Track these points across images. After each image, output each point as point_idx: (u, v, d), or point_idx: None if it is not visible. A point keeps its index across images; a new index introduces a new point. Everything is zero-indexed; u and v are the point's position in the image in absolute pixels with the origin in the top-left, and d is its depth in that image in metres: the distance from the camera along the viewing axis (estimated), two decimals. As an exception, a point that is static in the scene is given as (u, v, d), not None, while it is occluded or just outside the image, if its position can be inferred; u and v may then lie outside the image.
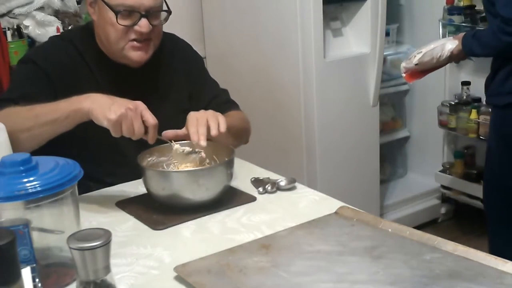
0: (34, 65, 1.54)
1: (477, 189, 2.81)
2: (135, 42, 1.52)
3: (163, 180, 1.31)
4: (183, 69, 1.70)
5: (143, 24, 1.49)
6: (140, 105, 1.31)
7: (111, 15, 1.48)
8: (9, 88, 1.59)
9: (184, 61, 1.71)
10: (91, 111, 1.31)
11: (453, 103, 2.94)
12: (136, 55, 1.54)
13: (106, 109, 1.29)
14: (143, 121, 1.31)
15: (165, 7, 1.56)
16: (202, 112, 1.42)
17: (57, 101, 1.39)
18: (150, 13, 1.50)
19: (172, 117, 1.61)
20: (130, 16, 1.49)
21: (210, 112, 1.42)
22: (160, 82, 1.66)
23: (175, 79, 1.68)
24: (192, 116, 1.40)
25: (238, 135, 1.63)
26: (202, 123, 1.37)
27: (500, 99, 2.07)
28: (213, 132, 1.36)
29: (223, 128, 1.38)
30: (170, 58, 1.69)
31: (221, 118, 1.40)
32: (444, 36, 2.82)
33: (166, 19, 1.57)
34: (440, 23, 2.88)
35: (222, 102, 1.71)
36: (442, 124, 3.02)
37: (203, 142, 1.34)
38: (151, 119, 1.31)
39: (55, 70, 1.54)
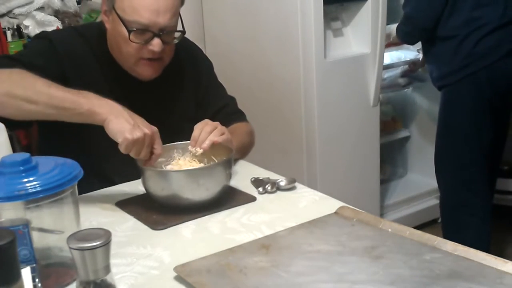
0: (50, 43, 1.51)
1: (506, 185, 2.90)
2: (146, 60, 1.50)
3: (162, 180, 1.31)
4: (193, 75, 1.69)
5: (156, 44, 1.47)
6: (156, 133, 1.32)
7: (124, 30, 1.46)
8: (21, 53, 1.54)
9: (194, 67, 1.70)
10: (108, 121, 1.28)
11: None
12: (145, 72, 1.53)
13: (126, 128, 1.27)
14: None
15: (180, 27, 1.53)
16: (214, 122, 1.44)
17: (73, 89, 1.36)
18: (164, 33, 1.47)
19: (178, 125, 1.61)
20: (143, 34, 1.46)
21: (221, 125, 1.44)
22: (169, 91, 1.65)
23: (184, 86, 1.67)
24: (204, 121, 1.43)
25: (244, 152, 1.66)
26: (207, 129, 1.39)
27: (451, 77, 2.36)
28: (207, 143, 1.38)
29: (221, 139, 1.39)
30: (181, 64, 1.67)
31: (226, 133, 1.42)
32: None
33: (179, 39, 1.54)
34: None
35: (230, 112, 1.71)
36: None
37: (199, 149, 1.38)
38: (159, 149, 1.32)
39: (68, 56, 1.51)
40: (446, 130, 2.45)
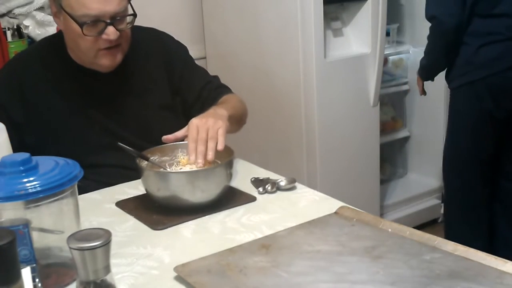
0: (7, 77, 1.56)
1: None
2: (104, 51, 1.51)
3: (158, 180, 1.31)
4: (164, 62, 1.68)
5: (110, 32, 1.47)
6: None
7: (76, 26, 1.46)
8: None
9: (164, 55, 1.69)
10: None
11: None
12: (107, 62, 1.53)
13: None
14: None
15: (130, 11, 1.53)
16: (203, 121, 1.38)
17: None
18: (116, 20, 1.48)
19: (153, 114, 1.62)
20: (95, 25, 1.47)
21: (211, 122, 1.38)
22: (136, 81, 1.64)
23: (154, 75, 1.66)
24: (193, 125, 1.37)
25: (240, 120, 1.64)
26: (202, 140, 1.34)
27: (453, 83, 2.36)
28: (209, 156, 1.33)
29: (221, 146, 1.36)
30: (148, 54, 1.66)
31: (221, 133, 1.37)
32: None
33: (132, 23, 1.54)
34: None
35: (214, 87, 1.69)
36: None
37: (201, 161, 1.33)
38: None
39: (11, 99, 1.55)
40: (449, 133, 2.44)
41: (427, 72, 2.50)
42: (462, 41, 2.26)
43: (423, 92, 2.62)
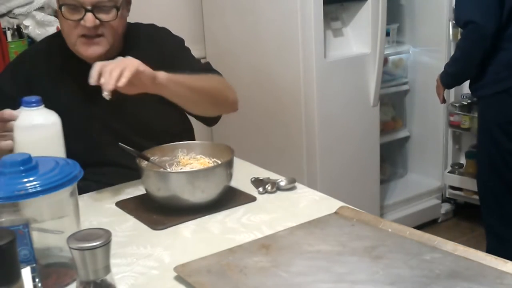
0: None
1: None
2: (84, 38, 1.50)
3: (159, 180, 1.31)
4: (162, 57, 1.66)
5: (88, 19, 1.46)
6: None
7: (60, 11, 1.48)
8: None
9: (161, 49, 1.68)
10: None
11: (465, 103, 2.93)
12: (85, 51, 1.52)
13: None
14: None
15: (116, 3, 1.50)
16: (117, 60, 1.38)
17: None
18: (97, 8, 1.47)
19: (153, 109, 1.61)
20: (76, 10, 1.47)
21: (123, 62, 1.37)
22: None
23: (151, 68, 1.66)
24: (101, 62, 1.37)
25: (214, 98, 1.60)
26: (107, 72, 1.34)
27: (485, 90, 2.24)
28: (108, 86, 1.31)
29: (121, 83, 1.33)
30: (147, 49, 1.65)
31: (127, 70, 1.34)
32: (455, 36, 2.89)
33: (115, 16, 1.51)
34: (450, 23, 2.89)
35: (204, 70, 1.67)
36: (452, 125, 3.01)
37: (107, 94, 1.32)
38: None
39: (20, 92, 1.53)
40: (478, 143, 2.39)
41: (454, 79, 2.42)
42: (499, 47, 2.17)
43: (444, 101, 2.56)
